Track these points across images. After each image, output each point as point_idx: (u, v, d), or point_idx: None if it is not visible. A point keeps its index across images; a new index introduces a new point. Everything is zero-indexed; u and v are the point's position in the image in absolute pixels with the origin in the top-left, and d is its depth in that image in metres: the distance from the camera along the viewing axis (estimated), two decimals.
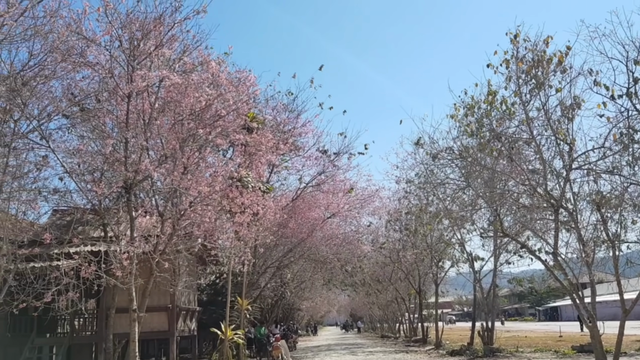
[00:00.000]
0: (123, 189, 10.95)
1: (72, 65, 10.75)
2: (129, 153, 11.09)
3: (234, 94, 11.98)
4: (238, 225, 13.06)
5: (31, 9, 10.65)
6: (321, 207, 21.30)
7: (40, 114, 10.90)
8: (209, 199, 11.73)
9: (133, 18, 10.65)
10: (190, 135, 11.24)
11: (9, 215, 10.77)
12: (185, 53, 11.63)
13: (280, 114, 19.53)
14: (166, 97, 11.22)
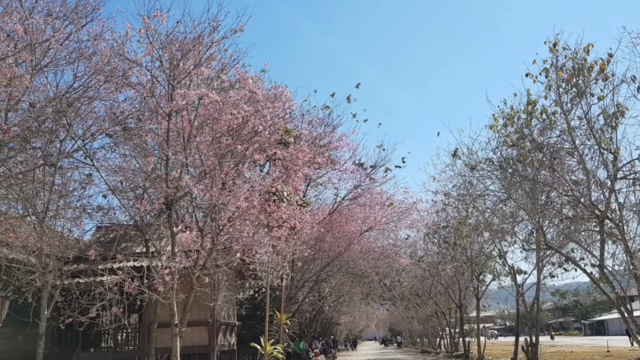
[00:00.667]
0: (164, 205, 11.17)
1: (115, 86, 11.11)
2: (170, 170, 11.32)
3: (270, 110, 12.13)
4: (276, 239, 13.14)
5: (76, 33, 11.11)
6: (358, 220, 21.23)
7: (85, 134, 11.26)
8: (247, 213, 11.85)
9: (173, 39, 10.95)
10: (229, 151, 11.42)
11: (56, 233, 11.14)
12: (223, 71, 11.86)
13: (316, 128, 19.65)
14: (205, 115, 11.45)
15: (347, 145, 19.86)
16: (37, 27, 10.52)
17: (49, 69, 10.92)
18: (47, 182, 10.48)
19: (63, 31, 10.99)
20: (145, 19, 10.49)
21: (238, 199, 11.29)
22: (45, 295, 10.47)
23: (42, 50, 10.61)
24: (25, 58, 10.20)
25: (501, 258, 19.98)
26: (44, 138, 10.64)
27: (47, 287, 10.37)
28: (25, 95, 10.40)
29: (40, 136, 10.63)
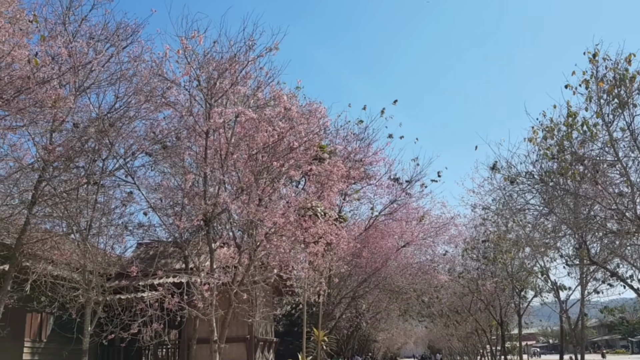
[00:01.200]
0: (203, 221, 11.32)
1: (154, 106, 11.39)
2: (208, 187, 11.49)
3: (305, 126, 12.22)
4: (312, 255, 13.12)
5: (117, 55, 11.48)
6: (394, 235, 21.02)
7: (126, 153, 11.56)
8: (283, 229, 11.90)
9: (210, 58, 11.17)
10: (264, 168, 11.52)
11: (99, 250, 11.41)
12: (258, 89, 12.03)
13: (350, 143, 19.63)
14: (241, 132, 11.60)
15: (382, 159, 19.78)
16: (80, 50, 10.91)
17: (91, 90, 11.31)
18: (90, 200, 10.78)
19: (105, 54, 11.38)
20: (183, 40, 10.75)
21: (274, 215, 11.35)
22: (88, 311, 10.71)
23: (85, 72, 11.00)
24: (69, 80, 10.59)
25: (543, 274, 19.44)
26: (87, 157, 10.97)
27: (90, 303, 10.60)
28: (69, 116, 10.77)
29: (84, 155, 10.96)
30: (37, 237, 11.51)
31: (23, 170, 10.46)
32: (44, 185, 10.69)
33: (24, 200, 10.79)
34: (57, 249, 11.70)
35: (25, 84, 9.15)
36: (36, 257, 11.71)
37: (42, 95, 9.47)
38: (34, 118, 9.87)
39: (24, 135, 10.60)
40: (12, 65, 9.02)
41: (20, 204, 10.90)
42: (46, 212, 11.38)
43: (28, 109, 9.63)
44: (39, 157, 10.51)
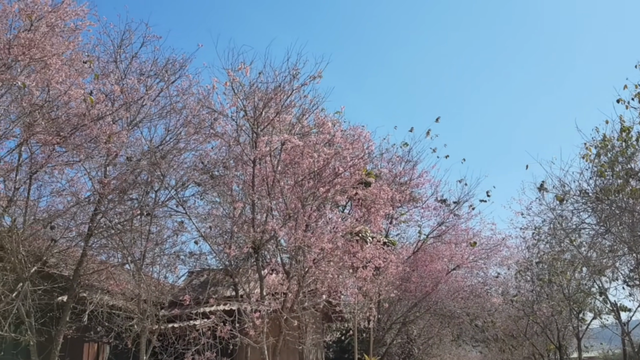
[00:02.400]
0: (252, 249, 11.44)
1: (203, 137, 11.70)
2: (256, 214, 11.64)
3: (350, 151, 12.29)
4: (361, 280, 13.04)
5: (166, 89, 11.91)
6: (444, 258, 20.64)
7: (177, 184, 11.87)
8: (331, 255, 11.89)
9: (255, 89, 11.44)
10: (311, 194, 11.61)
11: (152, 279, 11.68)
12: (303, 116, 12.20)
13: (395, 166, 19.57)
14: (287, 159, 11.76)
15: (428, 181, 19.61)
16: (131, 87, 11.38)
17: (143, 125, 11.72)
18: (143, 231, 11.07)
19: (155, 88, 11.83)
20: (230, 72, 11.08)
21: (322, 241, 11.37)
22: (143, 340, 10.91)
23: (137, 107, 11.43)
24: (122, 116, 11.03)
25: (602, 295, 18.62)
26: (140, 189, 11.31)
27: (145, 332, 10.81)
28: (122, 150, 11.17)
29: (137, 188, 11.31)
30: (94, 268, 11.87)
31: (80, 203, 10.88)
32: (100, 217, 11.07)
33: (80, 233, 11.18)
34: (113, 279, 12.03)
35: (81, 121, 9.60)
36: (93, 288, 12.07)
37: (97, 131, 9.89)
38: (89, 153, 10.29)
39: (80, 170, 11.06)
40: (69, 104, 9.49)
41: (77, 236, 11.31)
42: (102, 244, 11.75)
43: (84, 145, 10.06)
44: (95, 190, 10.91)
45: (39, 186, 11.10)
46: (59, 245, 11.26)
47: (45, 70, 8.52)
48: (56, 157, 10.12)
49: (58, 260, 11.81)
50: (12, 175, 10.28)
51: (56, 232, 10.87)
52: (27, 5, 9.06)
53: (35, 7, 8.81)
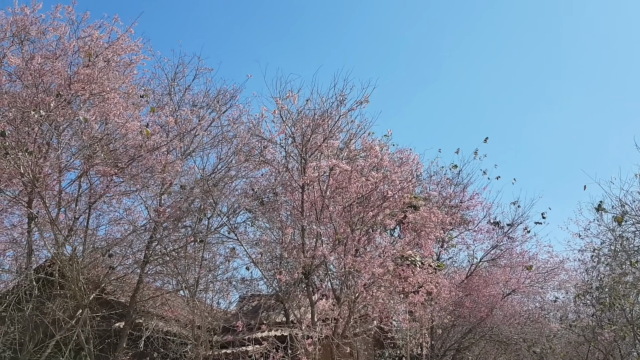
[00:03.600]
0: (302, 274, 11.48)
1: (253, 164, 11.95)
2: (305, 240, 11.70)
3: (398, 175, 12.23)
4: (412, 305, 12.82)
5: (218, 119, 12.26)
6: (499, 283, 20.02)
7: (228, 211, 12.11)
8: (382, 279, 11.78)
9: (303, 115, 11.62)
10: (359, 218, 11.58)
11: (206, 305, 11.86)
12: (350, 141, 12.26)
13: (445, 189, 19.27)
14: (335, 184, 11.81)
15: (479, 204, 19.18)
16: (185, 118, 11.78)
17: (196, 154, 12.08)
18: (197, 257, 11.31)
19: (207, 118, 12.20)
20: (278, 100, 11.31)
21: (372, 265, 11.28)
22: None
23: (190, 137, 11.80)
24: (175, 146, 11.40)
25: None
26: (194, 217, 11.59)
27: (199, 358, 10.94)
28: (176, 179, 11.52)
29: (190, 215, 11.60)
30: (149, 294, 12.17)
31: (136, 231, 11.24)
32: (155, 244, 11.38)
33: (137, 260, 11.51)
34: (168, 306, 12.29)
35: (138, 152, 9.99)
36: (148, 314, 12.34)
37: (152, 161, 10.26)
38: (145, 183, 10.67)
39: (136, 199, 11.47)
40: (126, 136, 9.91)
41: (134, 263, 11.65)
42: (157, 270, 12.06)
43: (140, 175, 10.46)
44: (151, 218, 11.26)
45: (98, 215, 11.60)
46: (117, 272, 11.62)
47: (104, 104, 8.95)
48: (114, 187, 10.56)
49: (115, 287, 12.18)
50: (72, 206, 10.76)
51: (114, 260, 11.23)
52: (84, 42, 9.59)
53: (92, 44, 9.30)
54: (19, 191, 9.99)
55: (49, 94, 8.77)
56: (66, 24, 9.44)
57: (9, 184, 9.86)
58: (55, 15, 9.57)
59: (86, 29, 9.51)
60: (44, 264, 11.33)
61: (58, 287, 10.56)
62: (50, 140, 9.40)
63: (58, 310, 10.37)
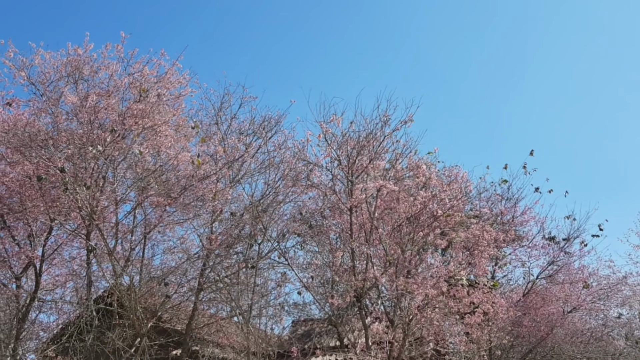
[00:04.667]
0: (354, 297, 11.38)
1: (300, 189, 12.02)
2: (355, 262, 11.62)
3: (447, 193, 12.04)
4: (469, 326, 12.49)
5: (264, 146, 12.46)
6: (558, 300, 19.26)
7: (278, 235, 12.19)
8: (436, 301, 11.55)
9: (348, 138, 11.65)
10: (409, 239, 11.44)
11: (260, 331, 11.90)
12: (396, 161, 12.19)
13: (495, 205, 18.82)
14: (382, 205, 11.73)
15: (532, 218, 18.60)
16: (232, 146, 12.02)
17: (244, 180, 12.28)
18: (249, 283, 11.40)
19: (253, 145, 12.43)
20: (322, 124, 11.38)
21: (425, 287, 11.09)
22: None
23: (238, 165, 12.02)
24: (224, 174, 11.62)
25: None
26: (244, 243, 11.73)
27: None
28: (226, 206, 11.72)
29: (241, 241, 11.74)
30: (204, 321, 12.32)
31: (190, 259, 11.46)
32: (208, 272, 11.56)
33: (191, 288, 11.71)
34: (222, 332, 12.40)
35: (189, 182, 10.24)
36: (204, 341, 12.49)
37: (203, 190, 10.49)
38: (197, 211, 10.90)
39: (189, 227, 11.72)
40: (178, 167, 10.18)
41: (188, 291, 11.84)
42: (211, 297, 12.22)
43: (192, 204, 10.69)
44: (203, 246, 11.46)
45: (153, 245, 11.91)
46: (172, 300, 11.84)
47: (156, 137, 9.25)
48: (167, 217, 10.83)
49: (171, 315, 12.39)
50: (128, 236, 11.09)
51: (169, 289, 11.46)
52: (134, 78, 9.98)
53: (142, 80, 9.66)
54: (78, 224, 10.37)
55: (103, 129, 9.14)
56: (117, 62, 9.88)
57: (68, 218, 10.26)
58: (105, 54, 10.04)
59: (135, 65, 9.94)
60: (102, 294, 11.68)
61: (117, 317, 10.83)
62: (106, 174, 9.76)
63: (117, 339, 10.62)
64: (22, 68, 9.65)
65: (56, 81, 9.76)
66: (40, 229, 10.51)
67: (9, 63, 9.75)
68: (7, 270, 10.57)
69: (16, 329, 10.48)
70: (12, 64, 9.72)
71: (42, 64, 9.85)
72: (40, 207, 9.58)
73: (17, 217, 9.92)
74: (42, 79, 9.80)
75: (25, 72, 9.67)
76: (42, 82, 9.79)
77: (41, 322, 11.52)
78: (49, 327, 11.60)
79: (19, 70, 9.62)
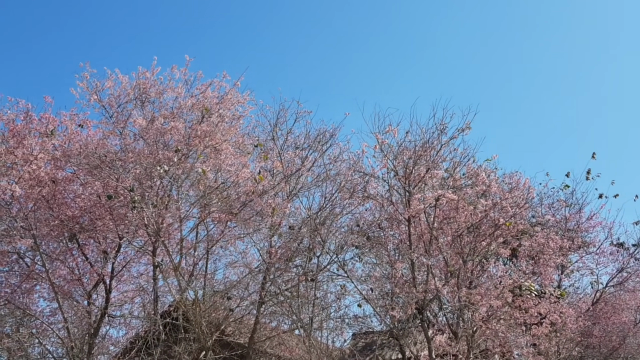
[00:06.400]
0: (416, 309, 11.24)
1: (357, 200, 12.01)
2: (415, 274, 11.48)
3: (509, 201, 11.76)
4: (536, 337, 12.12)
5: (320, 159, 12.55)
6: (630, 309, 18.37)
7: (336, 248, 12.20)
8: (500, 312, 11.26)
9: (404, 148, 11.57)
10: (471, 249, 11.22)
11: (321, 344, 11.91)
12: (455, 170, 12.00)
13: (558, 211, 18.20)
14: (441, 215, 11.56)
15: (599, 224, 17.87)
16: (288, 161, 12.17)
17: (301, 194, 12.40)
18: (309, 296, 11.45)
19: (309, 159, 12.54)
20: (377, 135, 11.36)
21: (489, 298, 10.83)
22: None
23: (295, 178, 12.15)
24: (282, 188, 11.77)
25: None
26: (303, 256, 11.81)
27: None
28: (284, 220, 11.85)
29: (300, 254, 11.83)
30: (266, 334, 12.44)
31: (251, 273, 11.63)
32: (269, 285, 11.69)
33: (253, 301, 11.86)
34: (284, 345, 12.48)
35: (249, 197, 10.43)
36: (266, 355, 12.60)
37: (262, 205, 10.65)
38: (257, 226, 11.07)
39: (249, 242, 11.91)
40: (238, 183, 10.39)
41: (250, 304, 12.00)
42: (272, 311, 12.34)
43: (252, 219, 10.88)
44: (263, 260, 11.61)
45: (215, 260, 12.15)
46: (235, 314, 12.02)
47: (217, 155, 9.49)
48: (228, 232, 11.05)
49: (234, 328, 12.58)
50: (191, 252, 11.38)
51: (232, 302, 11.65)
52: (197, 99, 10.30)
53: (205, 101, 9.96)
54: (145, 241, 10.73)
55: (168, 149, 9.46)
56: (182, 85, 10.27)
57: (136, 235, 10.64)
58: (170, 76, 10.45)
59: (199, 86, 10.31)
60: (168, 308, 11.99)
61: (182, 331, 11.09)
62: (171, 192, 10.08)
63: (183, 353, 10.87)
64: (94, 91, 10.15)
65: (125, 103, 10.22)
66: (110, 247, 10.94)
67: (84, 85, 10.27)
68: (80, 287, 11.02)
69: (88, 344, 10.89)
70: (87, 87, 10.24)
71: (112, 86, 10.35)
72: (109, 226, 9.98)
73: (88, 235, 10.35)
74: (112, 102, 10.29)
75: (97, 95, 10.17)
76: (112, 104, 10.28)
77: (111, 337, 11.92)
78: (119, 342, 11.99)
79: (92, 93, 10.12)
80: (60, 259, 10.49)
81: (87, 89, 10.11)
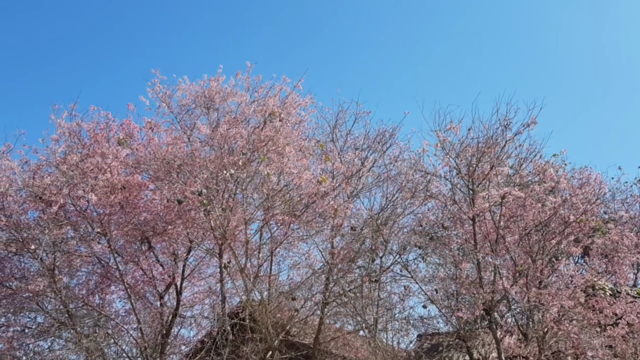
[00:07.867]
0: (483, 310, 11.00)
1: (419, 200, 11.89)
2: (482, 274, 11.24)
3: (580, 197, 11.33)
4: (612, 339, 11.59)
5: (380, 159, 12.52)
6: None
7: (399, 248, 12.13)
8: (572, 312, 10.86)
9: (466, 145, 11.35)
10: (540, 247, 10.87)
11: (386, 345, 11.86)
12: (521, 166, 11.68)
13: (632, 207, 17.33)
14: (507, 213, 11.26)
15: None
16: (349, 161, 12.21)
17: (362, 195, 12.40)
18: (373, 297, 11.43)
19: (369, 159, 12.52)
20: (438, 133, 11.21)
21: (561, 298, 10.46)
22: None
23: (355, 179, 12.16)
24: (343, 189, 11.81)
25: None
26: (366, 256, 11.80)
27: None
28: (346, 221, 11.88)
29: (362, 255, 11.83)
30: (330, 335, 12.51)
31: (315, 274, 11.73)
32: (332, 286, 11.75)
33: (317, 302, 11.96)
34: (349, 346, 12.51)
35: (311, 199, 10.53)
36: (331, 355, 12.66)
37: (324, 206, 10.73)
38: (319, 227, 11.17)
39: (312, 243, 12.03)
40: (300, 185, 10.53)
41: (314, 305, 12.11)
42: (336, 311, 12.40)
43: (314, 220, 10.98)
44: (326, 261, 11.69)
45: (279, 261, 12.35)
46: (299, 315, 12.17)
47: (280, 159, 9.65)
48: (292, 234, 11.20)
49: (299, 329, 12.72)
50: (256, 254, 11.61)
51: (297, 303, 11.80)
52: (259, 104, 10.53)
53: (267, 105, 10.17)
54: (213, 244, 11.05)
55: (232, 154, 9.72)
56: (244, 91, 10.53)
57: (205, 238, 10.98)
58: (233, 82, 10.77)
59: (259, 89, 10.57)
60: (236, 309, 12.28)
61: (249, 331, 11.33)
62: (236, 195, 10.33)
63: (251, 353, 11.10)
64: (164, 99, 10.59)
65: (193, 109, 10.61)
66: (180, 250, 11.34)
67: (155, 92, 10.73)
68: (152, 289, 11.48)
69: (161, 344, 11.32)
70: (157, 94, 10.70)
71: (181, 94, 10.79)
72: (180, 229, 10.35)
73: (160, 239, 10.77)
74: (180, 109, 10.72)
75: (166, 102, 10.60)
76: (180, 111, 10.70)
77: (182, 337, 12.34)
78: (189, 342, 12.39)
79: (162, 100, 10.57)
80: (135, 260, 10.96)
81: (159, 95, 10.56)
